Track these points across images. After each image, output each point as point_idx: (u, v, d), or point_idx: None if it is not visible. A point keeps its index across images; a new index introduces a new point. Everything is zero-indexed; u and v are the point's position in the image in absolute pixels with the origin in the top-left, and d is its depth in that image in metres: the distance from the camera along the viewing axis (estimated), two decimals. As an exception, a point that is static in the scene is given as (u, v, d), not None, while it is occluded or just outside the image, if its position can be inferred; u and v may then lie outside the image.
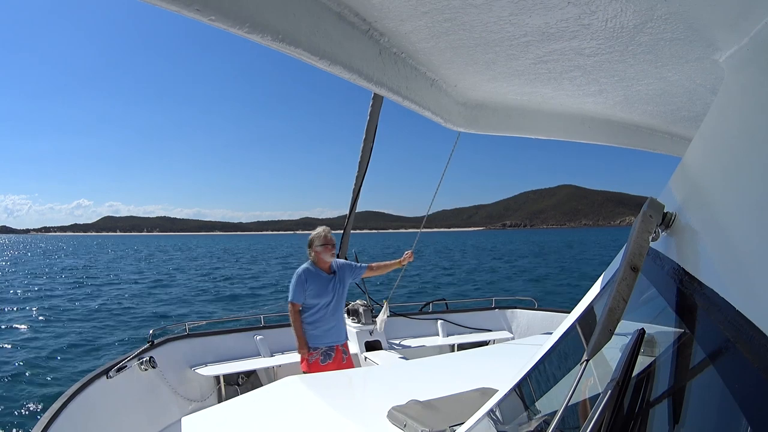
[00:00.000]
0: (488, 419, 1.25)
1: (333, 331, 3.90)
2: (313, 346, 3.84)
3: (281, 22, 0.97)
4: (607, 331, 0.68)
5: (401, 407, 1.93)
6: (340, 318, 4.00)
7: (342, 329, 4.01)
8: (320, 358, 3.83)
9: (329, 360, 3.85)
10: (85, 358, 9.56)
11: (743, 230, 0.61)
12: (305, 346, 3.83)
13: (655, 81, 1.55)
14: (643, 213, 0.76)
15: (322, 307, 3.84)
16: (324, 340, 3.86)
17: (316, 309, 3.83)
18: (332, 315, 3.89)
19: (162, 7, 0.79)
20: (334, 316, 3.90)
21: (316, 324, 3.84)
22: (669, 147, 2.59)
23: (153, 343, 4.25)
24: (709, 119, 0.82)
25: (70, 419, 2.95)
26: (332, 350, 3.88)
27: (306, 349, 3.83)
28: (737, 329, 0.53)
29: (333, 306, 3.88)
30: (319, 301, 3.83)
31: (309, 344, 3.84)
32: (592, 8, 1.02)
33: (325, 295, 3.84)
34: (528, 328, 5.67)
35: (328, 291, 3.86)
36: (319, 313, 3.83)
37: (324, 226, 4.05)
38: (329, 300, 3.85)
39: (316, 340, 3.85)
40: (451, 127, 1.92)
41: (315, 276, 3.86)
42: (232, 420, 2.28)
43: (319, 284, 3.84)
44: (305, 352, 3.84)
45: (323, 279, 3.88)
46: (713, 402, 0.57)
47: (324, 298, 3.83)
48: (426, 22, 1.16)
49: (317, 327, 3.84)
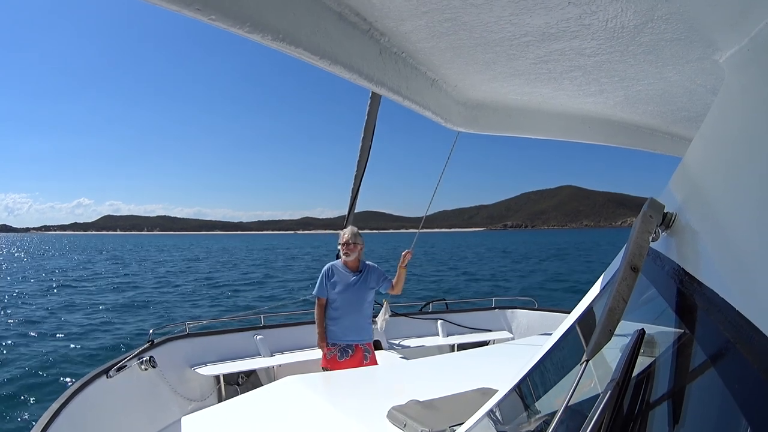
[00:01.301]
0: (488, 419, 1.25)
1: (353, 329, 3.95)
2: (331, 342, 3.93)
3: (281, 21, 0.97)
4: (607, 332, 0.68)
5: (401, 407, 1.93)
6: (364, 317, 4.06)
7: (365, 329, 4.06)
8: (337, 354, 3.89)
9: (347, 357, 3.89)
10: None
11: (743, 231, 0.61)
12: (324, 339, 3.93)
13: (656, 81, 1.55)
14: (644, 213, 0.76)
15: (342, 304, 3.92)
16: (343, 337, 3.93)
17: (336, 305, 3.93)
18: (353, 313, 3.95)
19: (163, 7, 0.79)
20: (355, 314, 3.96)
21: (337, 320, 3.93)
22: (669, 147, 2.59)
23: (153, 343, 4.25)
24: (710, 120, 0.82)
25: (69, 419, 2.95)
26: (351, 348, 3.93)
27: (324, 343, 3.92)
28: (737, 330, 0.53)
29: (354, 304, 3.95)
30: (340, 297, 3.92)
31: (328, 339, 3.93)
32: (593, 8, 1.02)
33: (347, 292, 3.93)
34: (528, 328, 5.67)
35: (350, 288, 3.94)
36: (339, 310, 3.92)
37: (351, 226, 4.17)
38: (350, 297, 3.93)
39: (334, 336, 3.94)
40: (452, 127, 1.92)
41: (339, 273, 3.99)
42: (232, 420, 2.28)
43: (341, 281, 3.95)
44: (323, 346, 3.93)
45: (347, 276, 3.98)
46: (713, 403, 0.57)
47: (345, 295, 3.92)
48: (426, 21, 1.16)
49: (337, 323, 3.93)
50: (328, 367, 3.89)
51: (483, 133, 2.11)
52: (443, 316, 5.72)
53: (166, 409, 4.01)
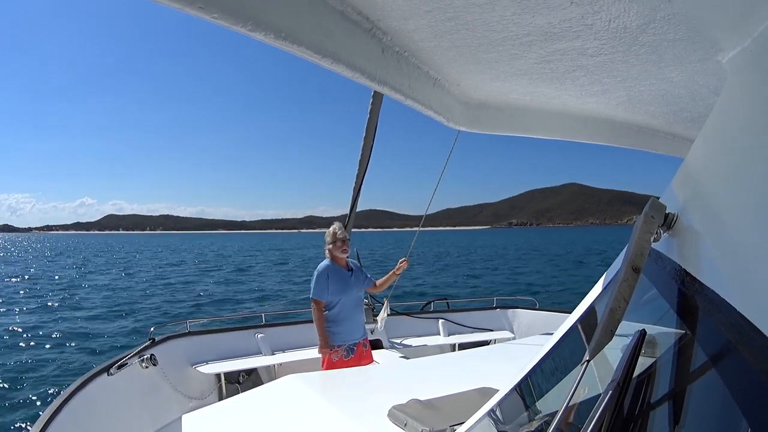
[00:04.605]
0: (489, 419, 1.25)
1: (357, 327, 3.90)
2: (337, 344, 3.80)
3: (284, 20, 0.97)
4: (608, 332, 0.68)
5: (402, 406, 1.93)
6: (362, 314, 4.02)
7: (362, 325, 4.02)
8: (343, 354, 3.79)
9: (352, 354, 3.82)
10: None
11: (745, 231, 0.61)
12: (327, 345, 3.77)
13: (658, 81, 1.54)
14: (645, 214, 0.76)
15: (344, 304, 3.83)
16: (348, 338, 3.83)
17: (340, 306, 3.81)
18: (356, 311, 3.90)
19: (166, 5, 0.79)
20: (357, 312, 3.91)
21: (342, 321, 3.81)
22: (671, 148, 2.59)
23: (154, 341, 4.26)
24: (712, 120, 0.82)
25: (71, 416, 2.96)
26: (355, 346, 3.87)
27: (327, 349, 3.77)
28: (738, 330, 0.53)
29: (354, 302, 3.89)
30: (341, 297, 3.81)
31: (333, 342, 3.79)
32: (596, 8, 1.02)
33: (347, 291, 3.83)
34: (529, 328, 5.67)
35: (350, 287, 3.86)
36: (343, 311, 3.82)
37: (337, 222, 4.02)
38: (351, 296, 3.85)
39: (338, 337, 3.81)
40: (454, 127, 1.92)
41: (335, 272, 3.85)
42: (233, 418, 2.28)
43: (340, 280, 3.83)
44: (326, 352, 3.78)
45: (343, 275, 3.87)
46: (714, 403, 0.57)
47: (346, 294, 3.82)
48: (429, 20, 1.16)
49: (341, 324, 3.81)
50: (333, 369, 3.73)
51: (485, 133, 2.11)
52: (444, 316, 5.71)
53: (166, 407, 4.01)
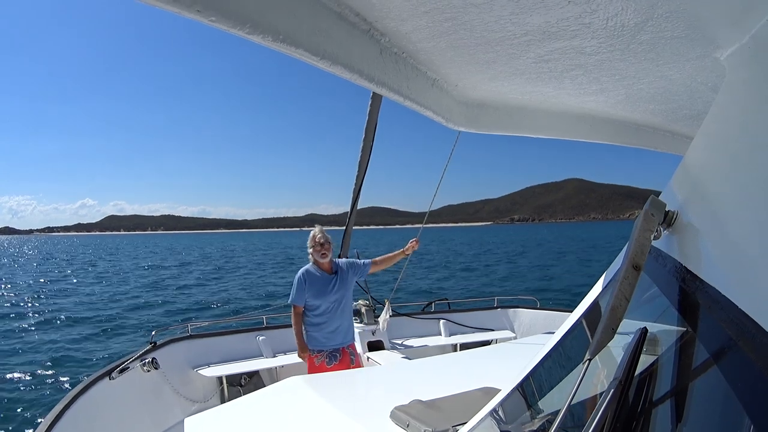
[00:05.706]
0: (491, 419, 1.25)
1: (338, 333, 3.82)
2: (317, 348, 3.77)
3: (282, 22, 0.97)
4: (610, 330, 0.68)
5: (404, 407, 1.93)
6: (347, 319, 3.93)
7: (349, 330, 3.93)
8: (326, 360, 3.76)
9: (335, 362, 3.77)
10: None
11: (745, 228, 0.61)
12: (305, 349, 3.77)
13: (657, 79, 1.54)
14: (645, 211, 0.76)
15: (324, 309, 3.77)
16: (328, 343, 3.78)
17: (320, 311, 3.76)
18: (336, 316, 3.82)
19: (163, 9, 0.79)
20: (338, 317, 3.83)
21: (321, 326, 3.77)
22: (670, 145, 2.59)
23: (155, 344, 4.26)
24: (711, 117, 0.82)
25: (73, 420, 2.96)
26: (338, 352, 3.81)
27: (306, 353, 3.77)
28: (739, 327, 0.53)
29: (336, 307, 3.81)
30: (320, 302, 3.75)
31: (313, 347, 3.78)
32: (593, 7, 1.02)
33: (326, 295, 3.77)
34: (530, 327, 5.67)
35: (329, 291, 3.78)
36: (322, 315, 3.76)
37: (318, 226, 3.97)
38: (331, 301, 3.78)
39: (319, 342, 3.78)
40: (452, 127, 1.92)
41: (315, 277, 3.79)
42: (235, 421, 2.28)
43: (319, 285, 3.77)
44: (305, 356, 3.78)
45: (324, 280, 3.80)
46: (716, 401, 0.57)
47: (325, 299, 3.76)
48: (427, 21, 1.16)
49: (321, 329, 3.77)
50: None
51: (484, 133, 2.11)
52: (445, 316, 5.72)
53: (168, 410, 4.01)
